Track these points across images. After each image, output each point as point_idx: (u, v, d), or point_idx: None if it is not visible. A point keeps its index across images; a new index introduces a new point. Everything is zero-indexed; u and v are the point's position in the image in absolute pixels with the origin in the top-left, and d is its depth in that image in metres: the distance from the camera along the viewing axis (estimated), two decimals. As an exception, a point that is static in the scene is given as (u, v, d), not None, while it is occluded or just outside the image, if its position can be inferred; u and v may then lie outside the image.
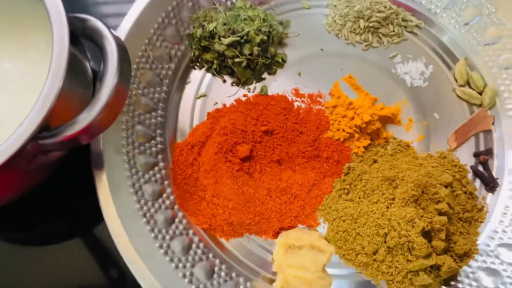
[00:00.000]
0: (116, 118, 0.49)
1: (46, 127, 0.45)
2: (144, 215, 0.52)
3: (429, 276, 0.52)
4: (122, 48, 0.49)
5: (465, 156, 0.61)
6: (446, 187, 0.56)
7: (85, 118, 0.45)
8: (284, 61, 0.65)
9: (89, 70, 0.55)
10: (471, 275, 0.53)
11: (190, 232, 0.54)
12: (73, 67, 0.50)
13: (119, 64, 0.47)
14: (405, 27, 0.67)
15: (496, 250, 0.54)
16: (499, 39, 0.63)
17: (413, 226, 0.52)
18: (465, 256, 0.54)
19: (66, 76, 0.45)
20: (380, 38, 0.67)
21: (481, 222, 0.57)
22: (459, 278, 0.53)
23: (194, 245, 0.53)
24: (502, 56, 0.62)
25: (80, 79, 0.51)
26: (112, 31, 0.50)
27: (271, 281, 0.54)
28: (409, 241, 0.52)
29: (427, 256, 0.52)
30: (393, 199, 0.54)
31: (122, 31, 0.58)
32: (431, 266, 0.52)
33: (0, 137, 0.50)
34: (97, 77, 0.50)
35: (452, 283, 0.53)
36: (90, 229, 0.58)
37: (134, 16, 0.59)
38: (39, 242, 0.58)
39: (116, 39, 0.49)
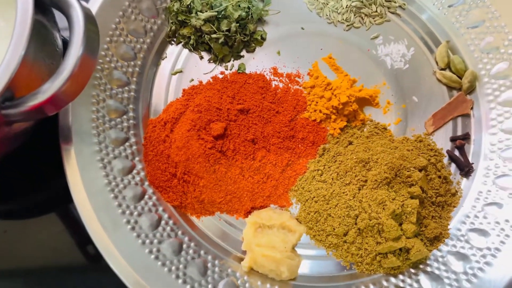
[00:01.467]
0: (82, 89, 0.47)
1: (10, 97, 0.44)
2: (112, 190, 0.52)
3: (398, 259, 0.52)
4: (89, 17, 0.48)
5: (442, 140, 0.60)
6: (420, 170, 0.55)
7: (49, 88, 0.44)
8: (263, 38, 0.64)
9: (59, 41, 0.53)
10: (440, 259, 0.53)
11: (160, 209, 0.54)
12: (40, 37, 0.49)
13: (85, 34, 0.46)
14: (388, 7, 0.66)
15: (466, 235, 0.54)
16: (483, 22, 0.62)
17: (383, 208, 0.52)
18: (435, 240, 0.54)
19: (30, 45, 0.44)
20: (362, 18, 0.65)
21: (454, 206, 0.57)
22: (428, 262, 0.53)
23: (163, 222, 0.53)
24: (485, 40, 0.61)
25: (47, 49, 0.50)
26: (83, 2, 0.49)
27: (241, 260, 0.53)
28: (379, 223, 0.51)
29: (397, 238, 0.51)
30: (366, 181, 0.54)
31: (95, 2, 0.56)
32: (400, 249, 0.52)
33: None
34: (67, 48, 0.49)
35: (421, 266, 0.53)
36: (64, 203, 0.58)
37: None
38: (7, 216, 0.58)
39: (84, 9, 0.47)
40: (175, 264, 0.50)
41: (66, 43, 0.53)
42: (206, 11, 0.59)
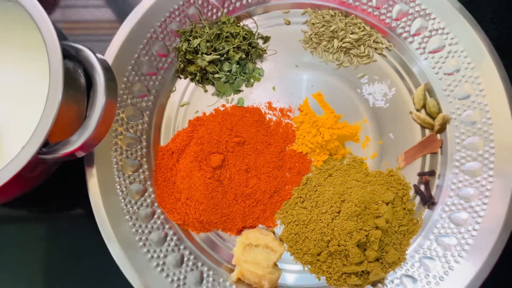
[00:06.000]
0: (108, 131, 0.57)
1: (45, 143, 0.55)
2: (128, 212, 0.63)
3: (359, 279, 0.63)
4: (107, 69, 0.57)
5: (411, 174, 0.69)
6: (387, 204, 0.65)
7: (80, 138, 0.54)
8: (261, 75, 0.72)
9: (83, 84, 0.62)
10: (395, 280, 0.64)
11: (166, 226, 0.65)
12: (68, 87, 0.58)
13: (106, 85, 0.55)
14: (376, 49, 0.73)
15: (419, 261, 0.64)
16: (458, 70, 0.69)
17: (350, 237, 0.62)
18: (393, 264, 0.65)
19: (61, 103, 0.53)
20: (351, 58, 0.72)
21: (414, 234, 0.67)
22: (385, 281, 0.64)
23: (168, 238, 0.64)
24: (458, 87, 0.69)
25: (75, 97, 0.59)
26: (100, 55, 0.57)
27: (231, 271, 0.65)
28: (346, 249, 0.62)
29: (359, 263, 0.62)
30: (339, 212, 0.64)
31: (112, 51, 0.65)
32: (362, 271, 0.63)
33: (5, 143, 0.60)
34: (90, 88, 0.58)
35: (379, 285, 0.64)
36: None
37: (124, 33, 0.65)
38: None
39: (102, 62, 0.56)
40: (177, 275, 0.62)
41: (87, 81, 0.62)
42: (210, 54, 0.68)
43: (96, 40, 0.77)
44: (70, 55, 0.58)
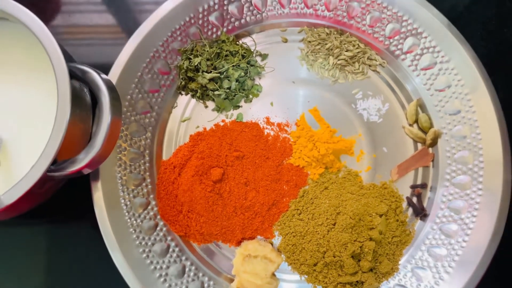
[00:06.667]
0: (113, 148, 0.60)
1: (53, 161, 0.57)
2: (132, 224, 0.65)
3: (354, 288, 0.66)
4: (112, 89, 0.59)
5: (404, 186, 0.72)
6: (380, 216, 0.68)
7: (86, 156, 0.56)
8: (259, 91, 0.74)
9: (88, 103, 0.65)
10: (388, 290, 0.67)
11: (169, 238, 0.68)
12: (75, 107, 0.61)
13: (111, 103, 0.58)
14: (370, 65, 0.75)
15: (411, 271, 0.67)
16: (448, 87, 0.71)
17: (345, 248, 0.65)
18: (387, 274, 0.67)
19: (68, 123, 0.56)
20: (346, 74, 0.75)
21: (407, 245, 0.69)
22: (379, 291, 0.67)
23: (171, 250, 0.67)
24: (449, 103, 0.71)
25: (81, 116, 0.62)
26: (104, 75, 0.60)
27: (231, 281, 0.68)
28: (341, 260, 0.65)
29: (354, 273, 0.65)
30: (334, 224, 0.67)
31: (116, 71, 0.67)
32: (356, 281, 0.66)
33: (12, 159, 0.63)
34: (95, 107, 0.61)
35: (373, 294, 0.67)
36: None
37: (128, 53, 0.68)
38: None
39: (107, 82, 0.59)
40: (179, 285, 0.65)
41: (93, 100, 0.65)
42: (210, 72, 0.70)
43: (97, 44, 0.80)
44: (76, 76, 0.61)
